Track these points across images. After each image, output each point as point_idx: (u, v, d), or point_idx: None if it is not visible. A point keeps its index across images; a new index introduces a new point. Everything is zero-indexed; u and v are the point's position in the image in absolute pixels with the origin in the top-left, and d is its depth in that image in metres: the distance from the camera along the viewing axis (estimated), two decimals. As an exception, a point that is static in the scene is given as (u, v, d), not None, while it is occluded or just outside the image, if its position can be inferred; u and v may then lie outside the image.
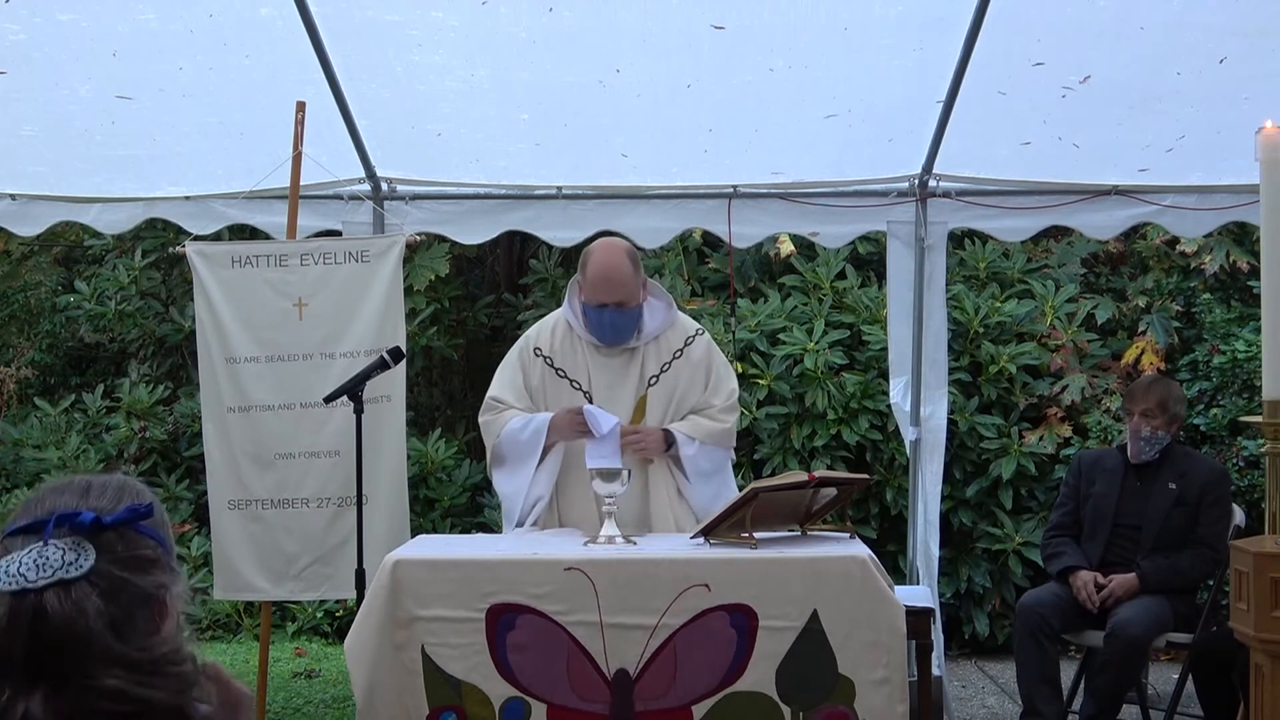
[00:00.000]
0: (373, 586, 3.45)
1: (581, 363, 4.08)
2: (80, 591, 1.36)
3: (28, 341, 8.37)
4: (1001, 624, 6.59)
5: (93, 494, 1.47)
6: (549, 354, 4.09)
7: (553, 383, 4.08)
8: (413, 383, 7.80)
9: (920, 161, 5.12)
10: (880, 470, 6.77)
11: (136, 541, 1.44)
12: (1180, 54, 4.34)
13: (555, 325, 4.15)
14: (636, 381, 4.06)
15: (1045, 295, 7.09)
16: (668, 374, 4.07)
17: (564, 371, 4.07)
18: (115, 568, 1.40)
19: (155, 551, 1.46)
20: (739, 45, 4.35)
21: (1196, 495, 4.65)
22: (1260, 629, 3.08)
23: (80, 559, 1.38)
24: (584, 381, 4.06)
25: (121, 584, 1.40)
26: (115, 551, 1.42)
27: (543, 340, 4.12)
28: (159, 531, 1.48)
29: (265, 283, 4.75)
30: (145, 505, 1.45)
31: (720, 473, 4.12)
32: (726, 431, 4.09)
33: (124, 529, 1.43)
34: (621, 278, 3.95)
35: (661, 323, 4.09)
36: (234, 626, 7.11)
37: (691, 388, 4.09)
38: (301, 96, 4.62)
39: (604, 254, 4.00)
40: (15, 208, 5.40)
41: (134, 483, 1.52)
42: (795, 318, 7.09)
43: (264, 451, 4.74)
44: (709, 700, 3.33)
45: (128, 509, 1.44)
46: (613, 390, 4.05)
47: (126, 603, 1.39)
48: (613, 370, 4.07)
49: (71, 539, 1.40)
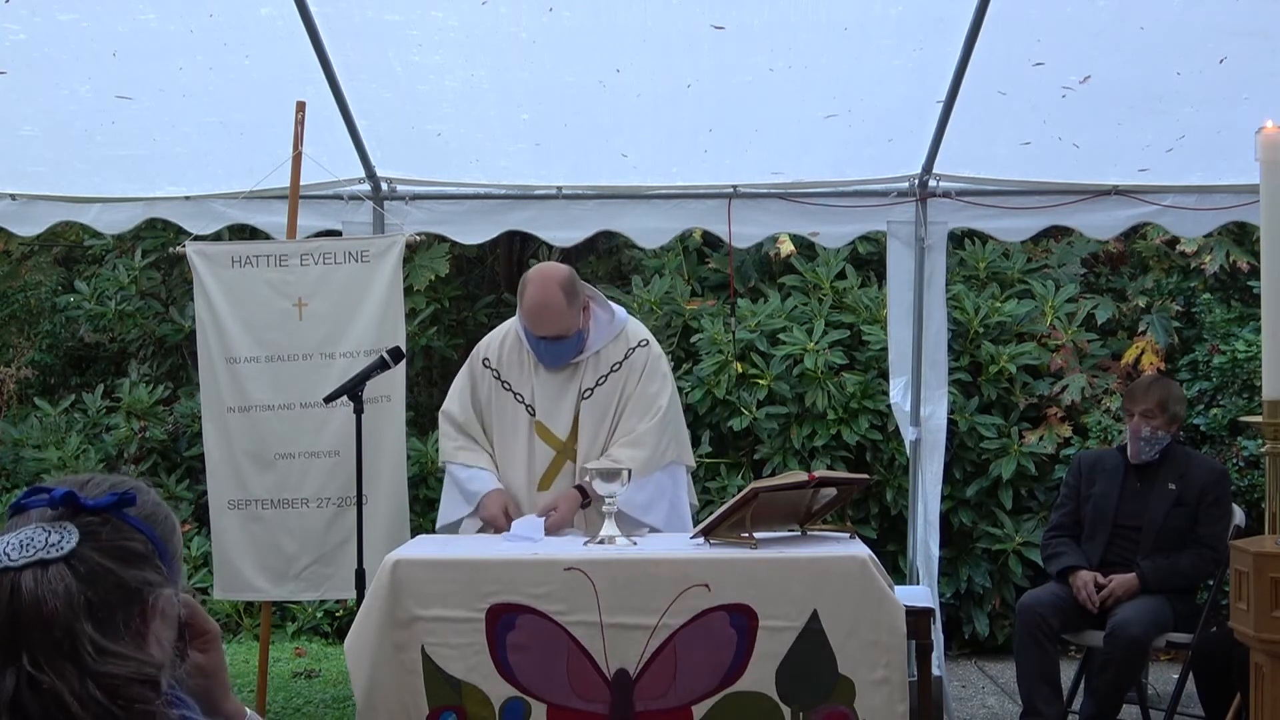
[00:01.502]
0: (373, 586, 3.45)
1: (527, 376, 4.14)
2: (56, 572, 1.36)
3: (28, 341, 8.36)
4: (1001, 624, 6.59)
5: (90, 485, 1.47)
6: (496, 366, 4.17)
7: (498, 395, 4.16)
8: (413, 383, 7.79)
9: (920, 161, 5.12)
10: (880, 470, 6.77)
11: (124, 532, 1.43)
12: (1180, 54, 4.34)
13: (505, 336, 4.21)
14: (575, 395, 4.09)
15: (1045, 295, 7.09)
16: (603, 387, 4.08)
17: (509, 384, 4.14)
18: (97, 554, 1.39)
19: (145, 547, 1.44)
20: (739, 45, 4.35)
21: (1196, 495, 4.65)
22: (1260, 629, 3.08)
23: (62, 541, 1.38)
24: (527, 395, 4.12)
25: (102, 571, 1.39)
26: (99, 538, 1.41)
27: (491, 351, 4.20)
28: (150, 528, 1.47)
29: (265, 283, 4.75)
30: (127, 493, 1.45)
31: (662, 498, 4.06)
32: (650, 458, 4.00)
33: (112, 517, 1.43)
34: (553, 314, 3.97)
35: (605, 335, 4.11)
36: (234, 626, 7.11)
37: (613, 403, 4.08)
38: (301, 96, 4.62)
39: (537, 289, 3.96)
40: (15, 208, 5.40)
41: (133, 482, 1.52)
42: (795, 318, 7.09)
43: (264, 451, 4.74)
44: (709, 700, 3.33)
45: (110, 495, 1.43)
46: (554, 403, 4.10)
47: (105, 592, 1.38)
48: (556, 384, 4.12)
49: (56, 522, 1.40)
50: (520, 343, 4.14)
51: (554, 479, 4.08)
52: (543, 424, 4.09)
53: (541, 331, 4.00)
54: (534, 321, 4.00)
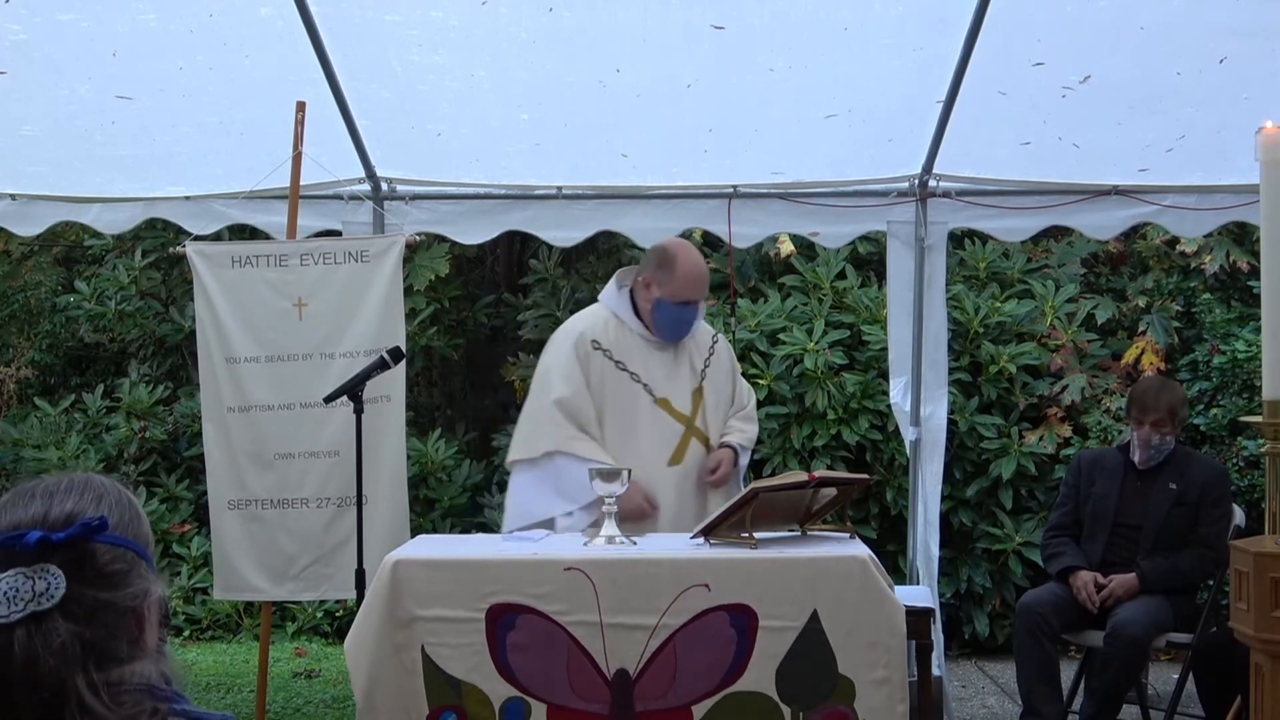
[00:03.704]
0: (373, 586, 3.45)
1: (638, 357, 4.17)
2: (51, 626, 1.30)
3: (28, 341, 8.37)
4: (1001, 624, 6.59)
5: (54, 510, 1.38)
6: (608, 348, 4.14)
7: (612, 376, 4.13)
8: (413, 383, 7.80)
9: (920, 161, 5.12)
10: (880, 470, 6.77)
11: (106, 554, 1.37)
12: (1180, 54, 4.34)
13: (606, 320, 4.21)
14: (689, 374, 4.20)
15: (1045, 295, 7.09)
16: (711, 366, 4.26)
17: (624, 365, 4.13)
18: (89, 589, 1.33)
19: (127, 560, 1.39)
20: (739, 45, 4.35)
21: (1196, 495, 4.65)
22: (1260, 629, 3.08)
23: (50, 588, 1.31)
24: (643, 375, 4.14)
25: (98, 606, 1.33)
26: (85, 573, 1.34)
27: (598, 334, 4.16)
28: (127, 539, 1.40)
29: (265, 283, 4.75)
30: (100, 519, 1.36)
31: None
32: (755, 432, 4.40)
33: (89, 544, 1.35)
34: (705, 275, 4.22)
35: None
36: (234, 626, 7.12)
37: (724, 383, 4.29)
38: (301, 96, 4.62)
39: (690, 254, 4.17)
40: (15, 208, 5.41)
41: (96, 483, 1.43)
42: (795, 318, 7.09)
43: (264, 451, 4.74)
44: (709, 700, 3.33)
45: (80, 524, 1.35)
46: (670, 383, 4.17)
47: (104, 623, 1.33)
48: (666, 364, 4.20)
49: (35, 565, 1.32)
50: (621, 325, 4.18)
51: (684, 453, 4.14)
52: (667, 400, 4.14)
53: (695, 295, 4.15)
54: (692, 284, 4.13)
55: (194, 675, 6.19)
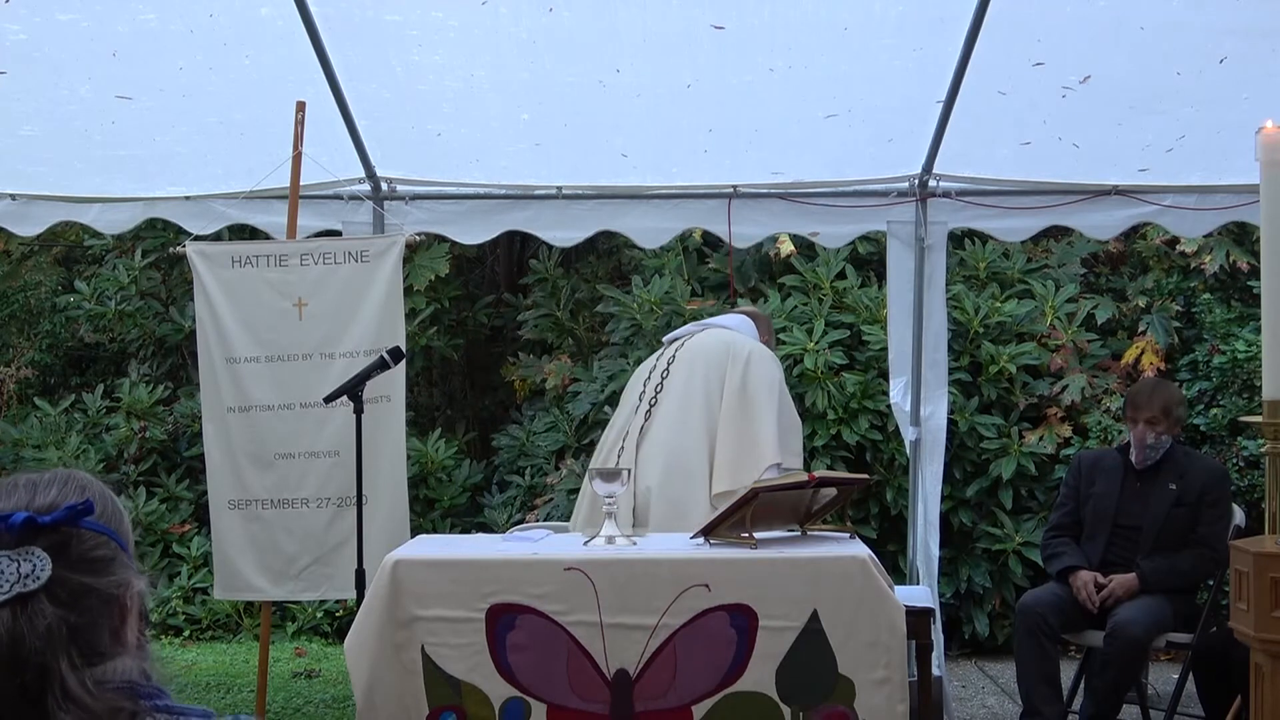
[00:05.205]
0: (373, 586, 3.45)
1: None
2: (38, 608, 1.29)
3: (28, 341, 8.37)
4: (1001, 624, 6.59)
5: (39, 498, 1.38)
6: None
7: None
8: (413, 383, 7.81)
9: (920, 161, 5.12)
10: (880, 470, 6.77)
11: (89, 540, 1.37)
12: (1180, 54, 4.34)
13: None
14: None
15: (1045, 295, 7.09)
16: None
17: None
18: (73, 573, 1.33)
19: (110, 548, 1.39)
20: (739, 45, 4.35)
21: (1196, 495, 4.65)
22: (1260, 629, 3.08)
23: (36, 569, 1.31)
24: None
25: (82, 590, 1.33)
26: (69, 556, 1.34)
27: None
28: (109, 528, 1.40)
29: (265, 283, 4.75)
30: (86, 502, 1.37)
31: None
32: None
33: (74, 529, 1.36)
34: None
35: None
36: (234, 626, 7.12)
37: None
38: (301, 96, 4.62)
39: None
40: (15, 208, 5.41)
41: (78, 476, 1.44)
42: (795, 318, 7.09)
43: (264, 451, 4.74)
44: (709, 700, 3.33)
45: (66, 508, 1.35)
46: None
47: (87, 609, 1.33)
48: None
49: (20, 548, 1.32)
50: None
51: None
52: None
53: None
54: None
55: (194, 675, 6.19)
